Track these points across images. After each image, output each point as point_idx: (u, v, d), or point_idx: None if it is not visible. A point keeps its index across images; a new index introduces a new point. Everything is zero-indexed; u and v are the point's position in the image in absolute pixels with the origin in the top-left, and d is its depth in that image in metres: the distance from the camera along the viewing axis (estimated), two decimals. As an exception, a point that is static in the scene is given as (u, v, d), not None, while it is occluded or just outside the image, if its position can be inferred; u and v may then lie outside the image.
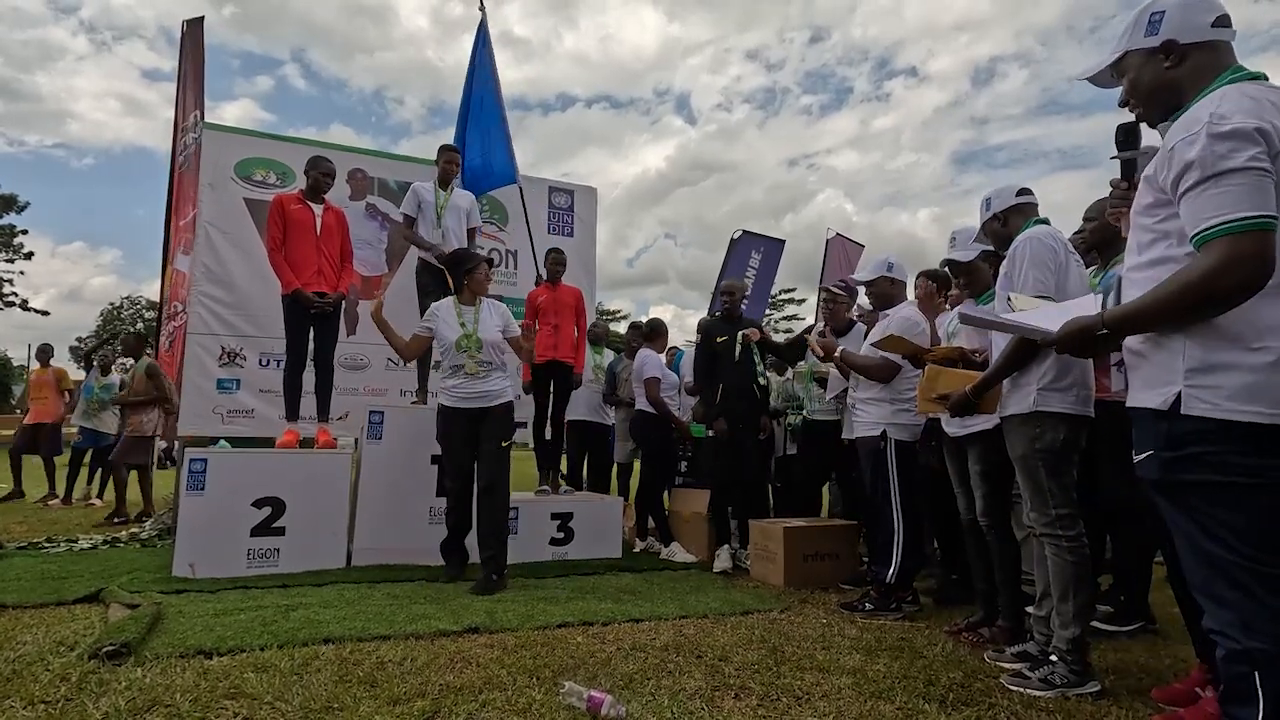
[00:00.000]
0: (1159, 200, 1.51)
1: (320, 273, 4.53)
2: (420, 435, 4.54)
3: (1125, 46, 1.66)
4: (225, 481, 4.00)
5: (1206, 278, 1.36)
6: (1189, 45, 1.56)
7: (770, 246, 9.48)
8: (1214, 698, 2.02)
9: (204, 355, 5.42)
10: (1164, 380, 1.47)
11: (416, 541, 4.39)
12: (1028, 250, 2.50)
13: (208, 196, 5.52)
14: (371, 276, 6.03)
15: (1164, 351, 1.48)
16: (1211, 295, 1.37)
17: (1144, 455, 1.51)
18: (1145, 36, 1.61)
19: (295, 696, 2.14)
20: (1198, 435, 1.40)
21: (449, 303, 4.09)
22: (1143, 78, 1.63)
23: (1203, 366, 1.41)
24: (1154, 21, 1.60)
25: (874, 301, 3.85)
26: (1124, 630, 3.16)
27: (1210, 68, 1.54)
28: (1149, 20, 1.61)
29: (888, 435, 3.54)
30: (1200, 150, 1.38)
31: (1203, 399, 1.40)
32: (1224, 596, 1.39)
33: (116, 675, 2.26)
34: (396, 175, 6.14)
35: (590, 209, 6.95)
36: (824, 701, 2.24)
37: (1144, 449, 1.51)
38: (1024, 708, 2.22)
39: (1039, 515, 2.52)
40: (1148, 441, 1.50)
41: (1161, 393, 1.46)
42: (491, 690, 2.24)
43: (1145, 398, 1.51)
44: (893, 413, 3.54)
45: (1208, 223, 1.36)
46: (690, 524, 5.11)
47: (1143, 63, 1.63)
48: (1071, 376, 2.47)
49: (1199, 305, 1.40)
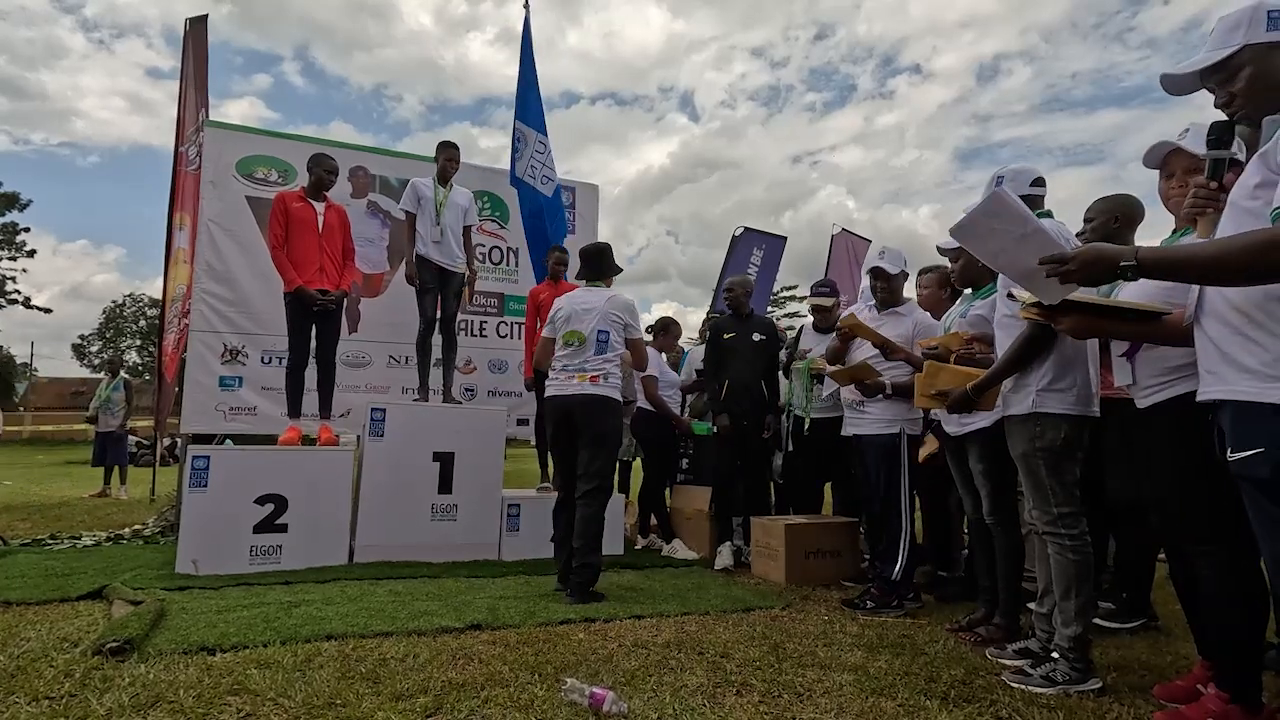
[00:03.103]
0: (1268, 180, 1.45)
1: (322, 270, 4.54)
2: (422, 432, 4.55)
3: (1243, 40, 1.60)
4: (228, 479, 4.01)
5: (1255, 247, 1.31)
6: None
7: (772, 243, 9.47)
8: (1215, 694, 2.02)
9: (206, 353, 5.43)
10: (1276, 374, 1.40)
11: (419, 538, 4.40)
12: None
13: (209, 194, 5.52)
14: (373, 274, 6.04)
15: (1275, 340, 1.41)
16: (1253, 267, 1.32)
17: (1251, 453, 1.45)
18: (1268, 31, 1.56)
19: (298, 693, 2.14)
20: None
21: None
22: (1265, 72, 1.57)
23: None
24: (1274, 17, 1.56)
25: (885, 297, 3.73)
26: (1126, 627, 3.16)
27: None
28: (1268, 16, 1.57)
29: (904, 432, 3.53)
30: None
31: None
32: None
33: (120, 671, 2.27)
34: (398, 173, 6.14)
35: (592, 206, 6.95)
36: (825, 698, 2.24)
37: (1250, 446, 1.45)
38: (1025, 705, 2.22)
39: (1041, 513, 2.52)
40: (1257, 438, 1.44)
41: (1277, 387, 1.39)
42: (494, 686, 2.24)
43: (1255, 391, 1.44)
44: (908, 409, 3.51)
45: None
46: (692, 521, 5.11)
47: (1267, 56, 1.57)
48: (1071, 377, 2.46)
49: (1263, 269, 1.33)
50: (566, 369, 3.62)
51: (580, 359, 3.61)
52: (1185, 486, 2.06)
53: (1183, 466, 2.06)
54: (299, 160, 5.41)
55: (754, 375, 4.70)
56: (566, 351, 3.64)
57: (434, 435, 4.58)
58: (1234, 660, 2.01)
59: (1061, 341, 2.45)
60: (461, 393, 5.85)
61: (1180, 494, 2.09)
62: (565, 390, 3.60)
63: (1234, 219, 1.54)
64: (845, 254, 9.78)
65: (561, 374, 3.63)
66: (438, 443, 4.56)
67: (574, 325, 3.65)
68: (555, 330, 3.75)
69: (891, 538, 3.54)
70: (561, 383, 3.63)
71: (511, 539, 4.64)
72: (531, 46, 5.86)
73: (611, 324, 3.68)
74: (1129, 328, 1.99)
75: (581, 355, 3.61)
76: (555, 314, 3.77)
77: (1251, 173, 1.52)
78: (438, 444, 4.56)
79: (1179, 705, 2.14)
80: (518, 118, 5.81)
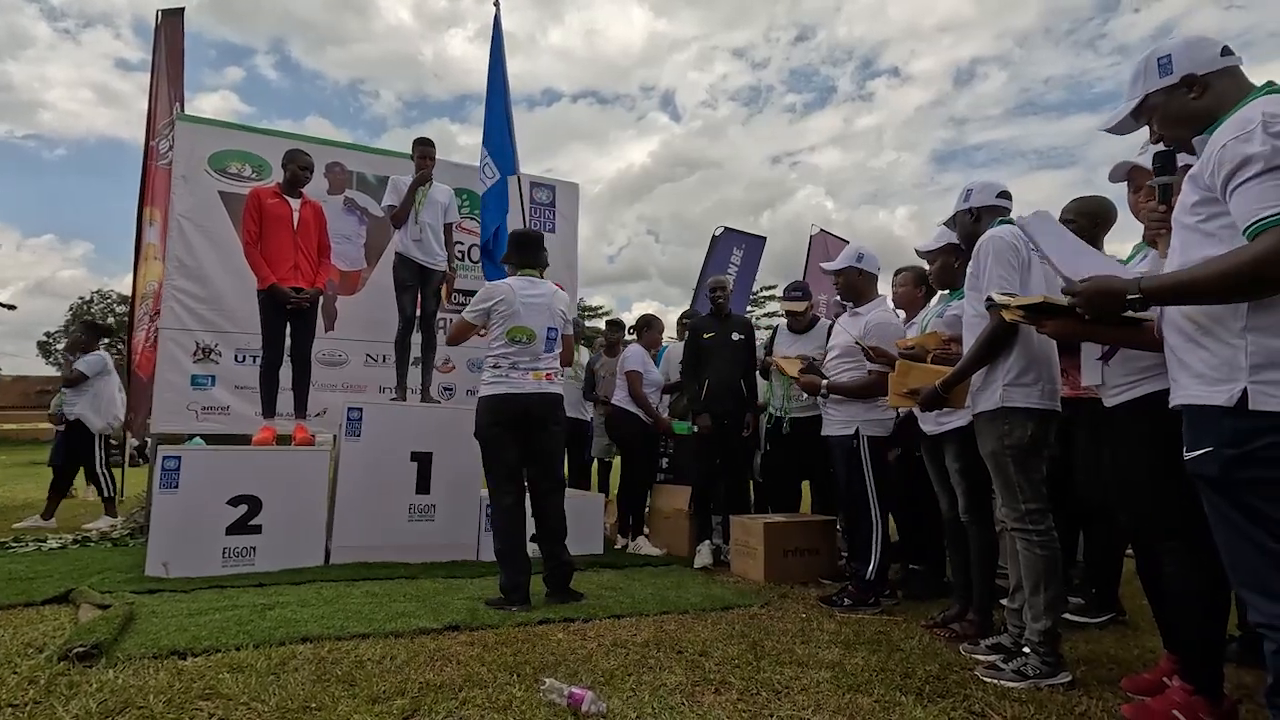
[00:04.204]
0: (1204, 198, 1.56)
1: (297, 268, 4.47)
2: (400, 432, 4.51)
3: (1143, 90, 1.76)
4: (200, 479, 3.94)
5: (1257, 263, 1.40)
6: (1208, 75, 1.65)
7: (751, 243, 9.52)
8: (1180, 686, 2.08)
9: (177, 351, 5.32)
10: (1226, 377, 1.48)
11: (396, 539, 4.36)
12: (990, 249, 2.57)
13: (180, 189, 5.40)
14: (350, 271, 5.96)
15: (1225, 348, 1.49)
16: (1259, 280, 1.41)
17: (1201, 452, 1.52)
18: (1161, 77, 1.72)
19: (272, 696, 2.11)
20: (1265, 431, 1.41)
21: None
22: (1171, 111, 1.73)
23: (1268, 362, 1.43)
24: (1164, 64, 1.72)
25: (842, 292, 3.87)
26: (1095, 622, 3.24)
27: (1235, 89, 1.63)
28: (1159, 64, 1.72)
29: (860, 433, 3.58)
30: (1259, 145, 1.43)
31: (1271, 394, 1.42)
32: (1277, 589, 1.42)
33: (87, 677, 2.22)
34: (376, 169, 6.06)
35: (572, 205, 6.92)
36: (803, 695, 2.26)
37: (1201, 446, 1.52)
38: (998, 699, 2.26)
39: (1010, 510, 2.57)
40: (1207, 439, 1.51)
41: (1226, 389, 1.47)
42: (472, 688, 2.23)
43: (1205, 394, 1.52)
44: (865, 410, 3.58)
45: (1264, 212, 1.40)
46: (671, 520, 5.12)
47: (1168, 99, 1.72)
48: (1035, 372, 2.53)
49: (1245, 288, 1.44)
50: (517, 366, 3.46)
51: (532, 356, 3.49)
52: (1152, 484, 2.12)
53: (1149, 464, 2.12)
54: (274, 155, 5.32)
55: (733, 374, 4.73)
56: (515, 348, 3.47)
57: (412, 435, 4.53)
58: (1198, 653, 2.07)
59: (1025, 338, 2.52)
60: (440, 392, 5.80)
61: (1146, 491, 2.14)
62: (522, 388, 3.45)
63: (1179, 237, 1.66)
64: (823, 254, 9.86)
65: (512, 371, 3.46)
66: (416, 443, 4.52)
67: (523, 321, 3.49)
68: (489, 320, 3.52)
69: (863, 537, 3.59)
70: (515, 380, 3.45)
71: (490, 539, 4.58)
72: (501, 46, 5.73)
73: (560, 321, 3.63)
74: (1112, 333, 2.05)
75: (532, 352, 3.49)
76: (492, 303, 3.51)
77: (1187, 192, 1.62)
78: (416, 444, 4.52)
79: (1146, 697, 2.19)
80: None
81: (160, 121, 6.60)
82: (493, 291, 3.56)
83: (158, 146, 6.62)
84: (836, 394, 3.65)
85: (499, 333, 3.50)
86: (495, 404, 3.46)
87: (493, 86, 5.64)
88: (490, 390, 3.48)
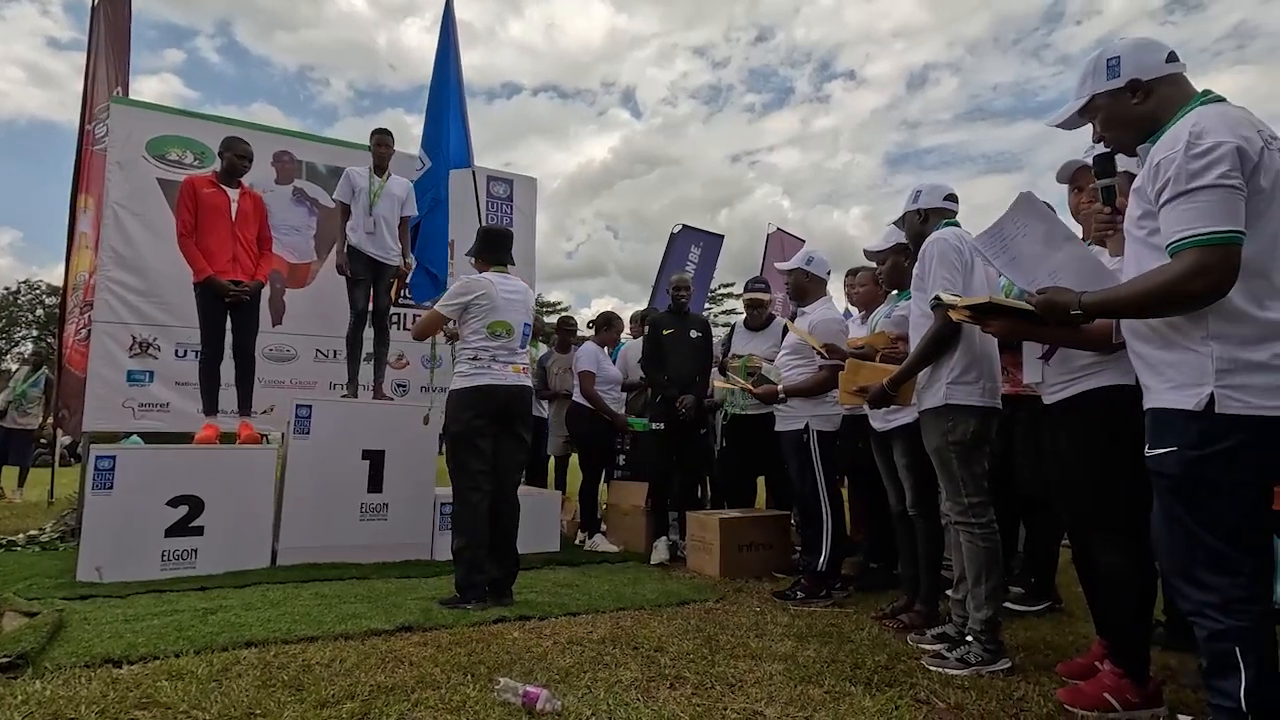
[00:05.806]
0: (1147, 212, 1.64)
1: (235, 260, 4.31)
2: (351, 429, 4.41)
3: (1090, 91, 1.81)
4: (136, 479, 3.78)
5: (1175, 282, 1.52)
6: (1152, 81, 1.72)
7: (709, 241, 9.58)
8: (1110, 669, 2.19)
9: (112, 345, 5.08)
10: (1194, 381, 1.55)
11: (347, 539, 4.27)
12: (934, 251, 2.65)
13: (116, 176, 5.16)
14: (299, 264, 5.78)
15: (1191, 355, 1.57)
16: (1177, 297, 1.53)
17: (1164, 451, 1.59)
18: (1108, 80, 1.77)
19: (213, 704, 2.04)
20: (1228, 433, 1.50)
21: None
22: (1114, 114, 1.79)
23: (1233, 368, 1.51)
24: (1112, 66, 1.77)
25: (790, 292, 3.99)
26: (1033, 610, 3.37)
27: (1178, 96, 1.70)
28: (1107, 65, 1.77)
29: (810, 428, 3.65)
30: (1177, 167, 1.52)
31: (1235, 398, 1.50)
32: (1207, 581, 1.52)
33: (11, 689, 2.10)
34: (327, 159, 5.90)
35: (530, 199, 6.86)
36: (756, 688, 2.30)
37: (1164, 445, 1.60)
38: (942, 686, 2.34)
39: (953, 504, 2.66)
40: (1170, 438, 1.59)
41: (1194, 394, 1.54)
42: (424, 689, 2.20)
43: (1174, 399, 1.59)
44: (814, 405, 3.65)
45: (1180, 234, 1.51)
46: (629, 517, 5.13)
47: (1111, 102, 1.78)
48: (977, 370, 2.63)
49: (1167, 304, 1.58)
50: (498, 359, 3.49)
51: (509, 351, 3.53)
52: (1088, 477, 2.21)
53: (1086, 458, 2.21)
54: (216, 142, 5.07)
55: (692, 371, 4.78)
56: (496, 342, 3.50)
57: (364, 433, 4.43)
58: (1127, 638, 2.18)
59: (969, 338, 2.61)
60: (393, 389, 5.69)
61: (1083, 484, 2.24)
62: (504, 380, 3.48)
63: (1131, 248, 1.75)
64: (779, 252, 9.99)
65: (494, 364, 3.48)
66: (368, 440, 4.42)
67: (503, 315, 3.52)
68: (465, 314, 3.49)
69: (814, 530, 3.66)
70: (496, 372, 3.48)
71: (444, 538, 4.52)
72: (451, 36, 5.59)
73: (531, 317, 3.72)
74: (1052, 333, 2.14)
75: (510, 347, 3.53)
76: (472, 297, 3.48)
77: (1133, 205, 1.71)
78: (368, 441, 4.42)
79: (1079, 681, 2.30)
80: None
81: (98, 105, 6.27)
82: (473, 285, 3.53)
83: (94, 131, 6.29)
84: (794, 395, 3.70)
85: (478, 326, 3.49)
86: (478, 395, 3.43)
87: (441, 76, 5.51)
88: (471, 381, 3.45)
